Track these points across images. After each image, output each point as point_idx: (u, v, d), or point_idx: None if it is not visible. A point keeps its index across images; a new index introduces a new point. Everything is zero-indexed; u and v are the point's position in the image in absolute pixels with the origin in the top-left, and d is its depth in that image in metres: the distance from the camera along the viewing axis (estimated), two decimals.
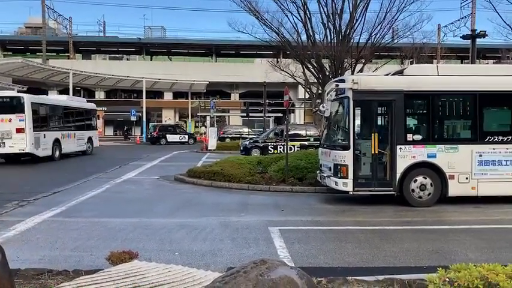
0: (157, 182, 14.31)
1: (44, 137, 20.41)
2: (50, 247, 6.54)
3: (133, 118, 45.16)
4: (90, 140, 25.91)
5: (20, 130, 18.90)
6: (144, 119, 45.57)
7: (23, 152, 19.19)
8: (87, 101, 28.41)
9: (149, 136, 41.45)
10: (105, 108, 54.31)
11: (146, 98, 45.30)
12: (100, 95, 57.00)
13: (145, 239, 7.01)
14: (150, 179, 15.05)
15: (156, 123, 47.07)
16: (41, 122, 20.68)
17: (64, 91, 44.60)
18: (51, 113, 22.05)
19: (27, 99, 19.53)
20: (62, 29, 60.51)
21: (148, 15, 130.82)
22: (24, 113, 18.96)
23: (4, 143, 18.87)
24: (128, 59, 63.82)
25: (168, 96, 56.13)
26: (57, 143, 21.68)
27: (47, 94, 54.52)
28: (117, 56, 63.43)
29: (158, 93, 55.17)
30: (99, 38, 61.77)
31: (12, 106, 19.17)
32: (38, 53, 57.50)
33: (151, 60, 61.69)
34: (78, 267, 5.11)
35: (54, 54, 60.75)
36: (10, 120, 18.87)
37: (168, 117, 55.71)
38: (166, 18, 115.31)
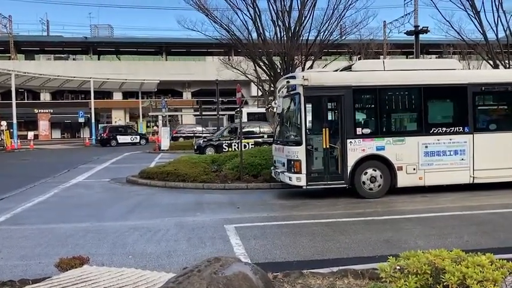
0: (109, 185, 13.92)
1: None
2: None
3: (81, 120, 43.63)
4: None
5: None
6: (93, 120, 44.21)
7: None
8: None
9: (99, 138, 40.22)
10: (52, 111, 52.36)
11: (94, 99, 43.89)
12: (45, 97, 54.68)
13: (97, 244, 6.80)
14: (101, 182, 14.61)
15: (105, 125, 45.77)
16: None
17: (6, 93, 42.48)
18: None
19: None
20: (1, 28, 57.44)
21: (94, 13, 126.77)
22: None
23: None
24: (74, 59, 61.53)
25: (117, 97, 54.62)
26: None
27: None
28: (63, 56, 60.95)
29: (107, 93, 53.53)
30: (43, 38, 59.06)
31: None
32: None
33: (98, 59, 59.78)
34: (25, 277, 4.89)
35: None
36: None
37: (118, 118, 54.19)
38: (114, 17, 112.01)
